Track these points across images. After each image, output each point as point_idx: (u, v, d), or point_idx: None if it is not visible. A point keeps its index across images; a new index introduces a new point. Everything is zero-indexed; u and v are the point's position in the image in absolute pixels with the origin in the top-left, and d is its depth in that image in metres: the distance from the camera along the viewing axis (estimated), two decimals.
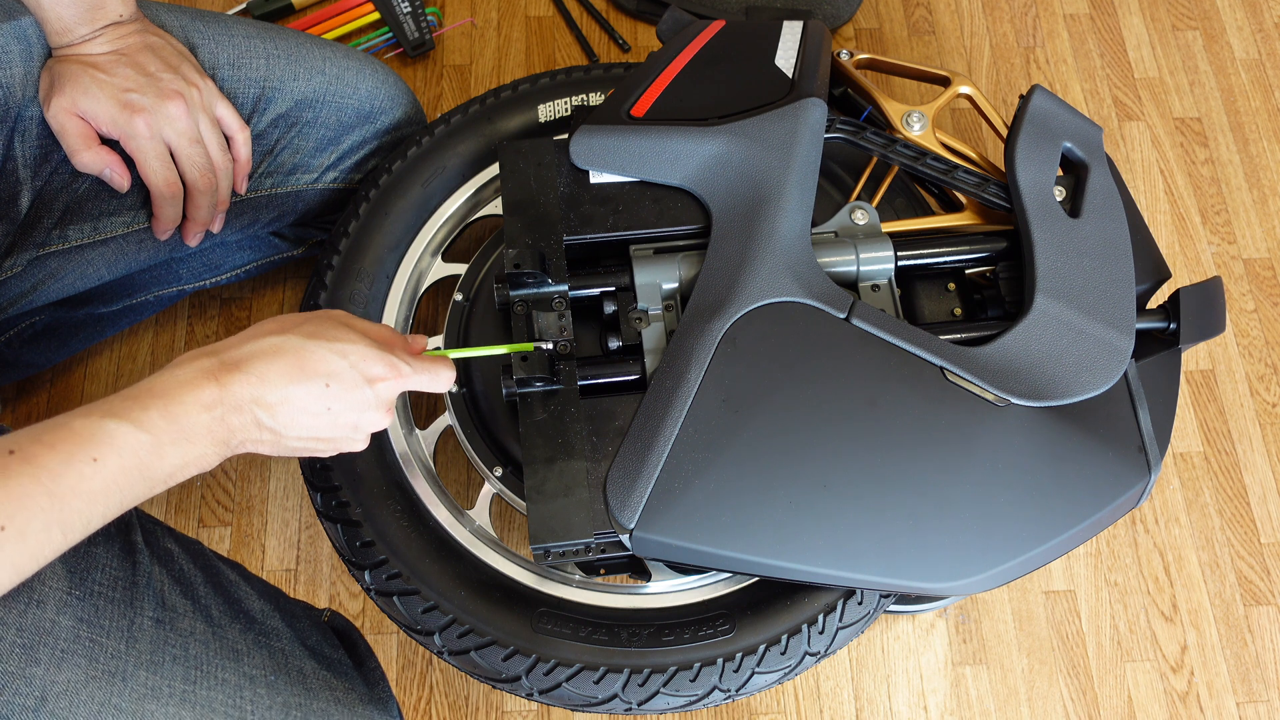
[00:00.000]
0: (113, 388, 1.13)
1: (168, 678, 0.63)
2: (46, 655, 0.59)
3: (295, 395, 0.60)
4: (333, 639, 0.78)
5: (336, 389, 0.61)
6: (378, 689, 0.76)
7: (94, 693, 0.60)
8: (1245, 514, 1.13)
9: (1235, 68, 1.37)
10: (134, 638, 0.63)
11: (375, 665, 0.79)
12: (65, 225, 0.83)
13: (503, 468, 0.88)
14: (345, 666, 0.75)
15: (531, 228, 0.85)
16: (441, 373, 0.68)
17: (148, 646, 0.63)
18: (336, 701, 0.71)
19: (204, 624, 0.67)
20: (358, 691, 0.73)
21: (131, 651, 0.62)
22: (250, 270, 1.10)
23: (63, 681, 0.59)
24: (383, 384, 0.64)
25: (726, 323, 0.77)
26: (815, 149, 0.85)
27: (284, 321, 0.63)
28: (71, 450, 0.52)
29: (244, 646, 0.68)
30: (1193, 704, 1.05)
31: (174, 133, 0.79)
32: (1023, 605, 1.08)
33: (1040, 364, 0.79)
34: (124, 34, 0.78)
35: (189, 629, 0.66)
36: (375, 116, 0.96)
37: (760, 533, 0.73)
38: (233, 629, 0.69)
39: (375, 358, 0.63)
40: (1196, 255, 1.26)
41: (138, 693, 0.62)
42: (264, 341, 0.61)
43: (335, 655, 0.75)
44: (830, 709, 1.03)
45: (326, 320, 0.64)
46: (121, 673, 0.61)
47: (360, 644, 0.80)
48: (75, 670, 0.60)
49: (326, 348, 0.61)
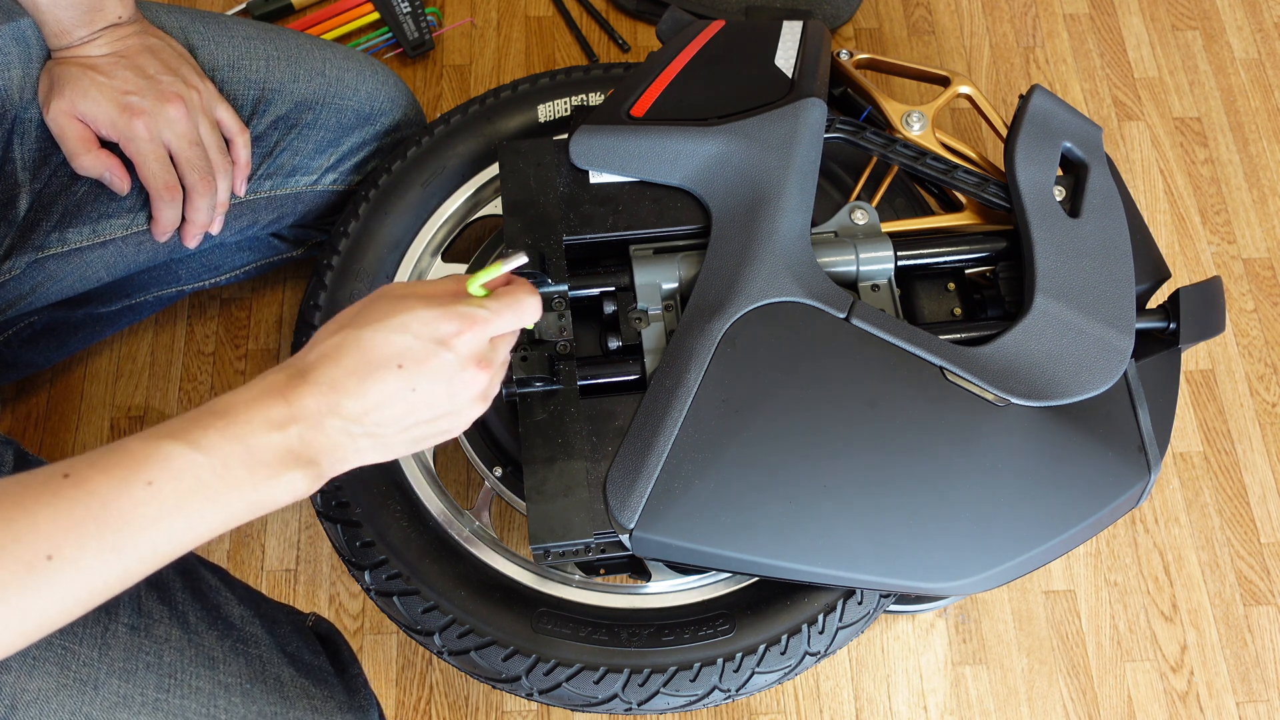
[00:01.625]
0: (112, 388, 1.13)
1: (140, 686, 0.62)
2: (17, 662, 0.58)
3: (371, 391, 0.54)
4: (315, 645, 0.76)
5: (411, 367, 0.55)
6: (358, 697, 0.75)
7: (64, 701, 0.59)
8: (1245, 514, 1.13)
9: (1235, 68, 1.37)
10: (107, 645, 0.62)
11: (358, 672, 0.78)
12: (64, 228, 0.83)
13: (503, 468, 0.88)
14: (325, 673, 0.74)
15: (531, 228, 0.85)
16: (524, 300, 0.60)
17: (121, 654, 0.62)
18: (314, 710, 0.70)
19: (180, 630, 0.66)
20: (336, 699, 0.72)
21: (104, 659, 0.61)
22: (250, 271, 1.10)
23: (33, 689, 0.58)
24: (460, 339, 0.56)
25: (726, 323, 0.77)
26: (815, 149, 0.85)
27: (341, 318, 0.58)
28: (125, 474, 0.50)
29: (220, 653, 0.67)
30: (1192, 704, 1.05)
31: (174, 135, 0.78)
32: (1023, 605, 1.08)
33: (1040, 364, 0.79)
34: (123, 36, 0.77)
35: (164, 635, 0.65)
36: (375, 118, 0.96)
37: (760, 533, 0.73)
38: (209, 635, 0.68)
39: (439, 316, 0.56)
40: (1196, 255, 1.26)
41: (109, 701, 0.61)
42: (325, 345, 0.56)
43: (316, 662, 0.74)
44: (830, 709, 1.03)
45: (381, 300, 0.57)
46: (93, 681, 0.61)
47: (344, 650, 0.79)
48: (46, 678, 0.59)
49: (385, 329, 0.55)
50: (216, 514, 0.52)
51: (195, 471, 0.51)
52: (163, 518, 0.50)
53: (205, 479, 0.51)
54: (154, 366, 1.14)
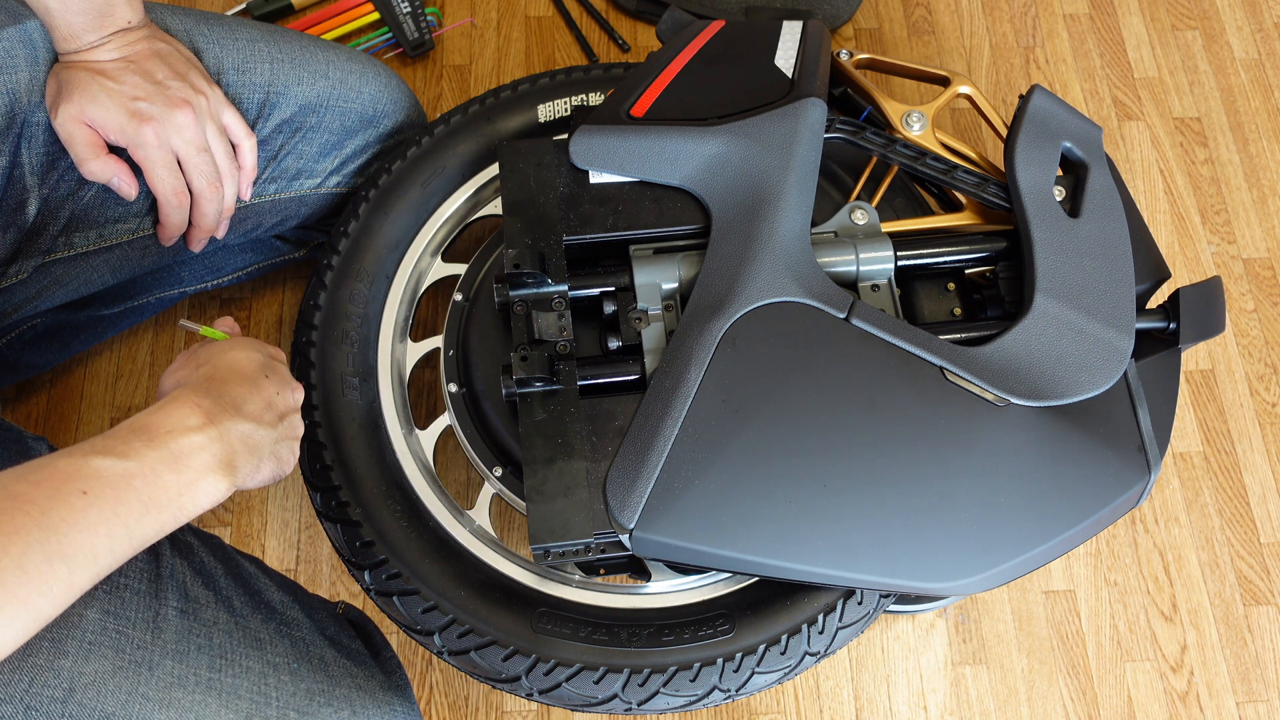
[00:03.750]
0: (112, 388, 1.13)
1: (193, 666, 0.64)
2: (74, 647, 0.60)
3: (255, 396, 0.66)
4: (349, 630, 0.79)
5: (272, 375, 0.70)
6: (395, 677, 0.78)
7: (121, 682, 0.61)
8: (1245, 514, 1.13)
9: (1235, 68, 1.37)
10: (159, 628, 0.64)
11: (391, 655, 0.81)
12: (71, 232, 0.83)
13: (503, 468, 0.88)
14: (363, 656, 0.76)
15: (531, 228, 0.85)
16: None
17: (173, 636, 0.64)
18: (358, 688, 0.72)
19: (227, 614, 0.68)
20: (377, 679, 0.75)
21: (157, 641, 0.63)
22: (251, 272, 1.10)
23: (90, 672, 0.60)
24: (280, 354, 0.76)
25: (726, 323, 0.77)
26: (815, 149, 0.85)
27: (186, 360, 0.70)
28: (58, 486, 0.52)
29: (266, 635, 0.70)
30: (1192, 704, 1.05)
31: (182, 141, 0.78)
32: (1023, 605, 1.08)
33: (1040, 364, 0.79)
34: (132, 40, 0.77)
35: (212, 619, 0.67)
36: (378, 120, 0.96)
37: (760, 533, 0.73)
38: (255, 619, 0.70)
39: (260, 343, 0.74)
40: (1196, 255, 1.26)
41: (164, 681, 0.63)
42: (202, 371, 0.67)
43: (353, 645, 0.77)
44: (830, 709, 1.03)
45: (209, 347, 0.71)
46: (148, 662, 0.62)
47: (375, 635, 0.82)
48: (103, 661, 0.60)
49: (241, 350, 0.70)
50: (150, 521, 0.56)
51: (127, 480, 0.55)
52: (102, 524, 0.53)
53: (137, 486, 0.55)
54: (154, 367, 1.14)
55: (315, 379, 0.87)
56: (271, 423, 0.67)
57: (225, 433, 0.61)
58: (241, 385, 0.66)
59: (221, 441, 0.60)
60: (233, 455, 0.61)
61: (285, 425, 0.69)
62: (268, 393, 0.68)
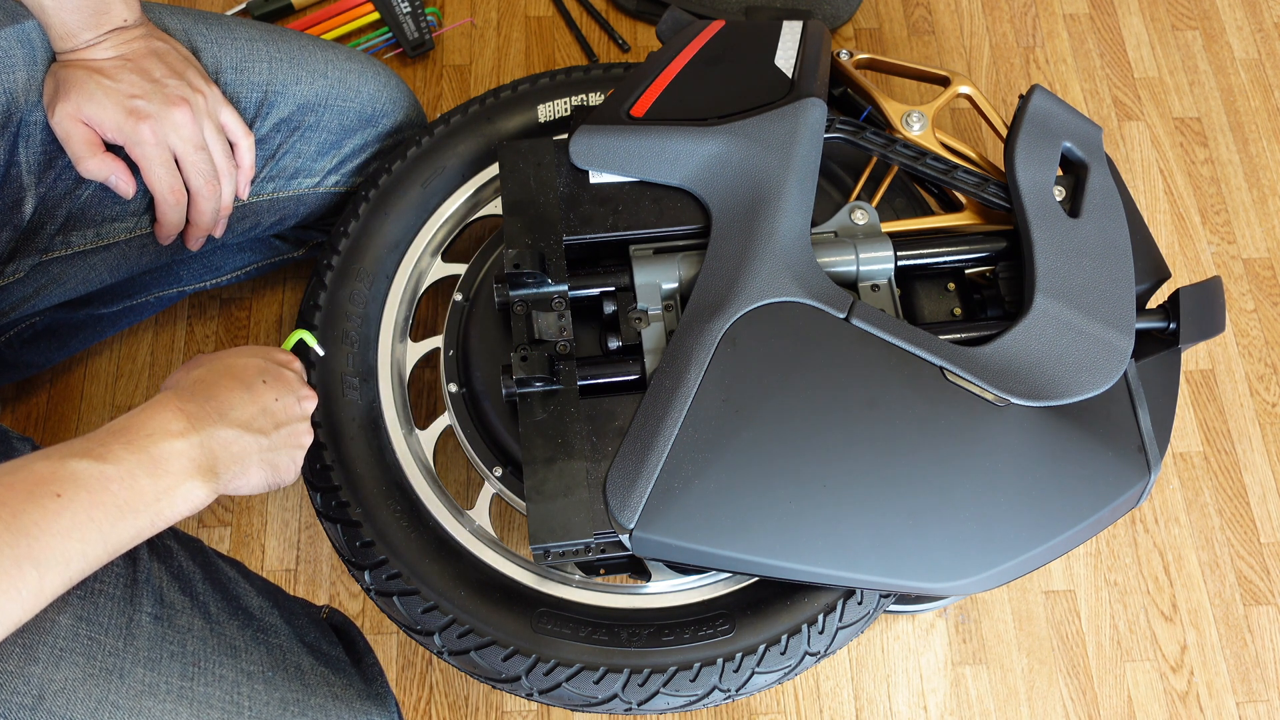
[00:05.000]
0: (112, 388, 1.13)
1: (165, 674, 0.63)
2: (45, 653, 0.59)
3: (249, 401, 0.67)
4: (331, 636, 0.78)
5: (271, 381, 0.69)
6: (375, 685, 0.77)
7: (91, 690, 0.60)
8: (1245, 514, 1.13)
9: (1235, 68, 1.37)
10: (132, 635, 0.63)
11: (373, 662, 0.79)
12: (68, 231, 0.83)
13: (503, 468, 0.88)
14: (343, 663, 0.75)
15: (531, 228, 0.85)
16: None
17: (146, 643, 0.63)
18: (334, 698, 0.71)
19: (202, 620, 0.67)
20: (355, 688, 0.73)
21: (129, 649, 0.62)
22: (251, 272, 1.10)
23: (60, 679, 0.59)
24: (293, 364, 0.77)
25: (726, 323, 0.77)
26: (815, 149, 0.85)
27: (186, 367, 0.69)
28: (32, 488, 0.52)
29: (242, 643, 0.69)
30: (1192, 704, 1.05)
31: (179, 140, 0.78)
32: (1023, 605, 1.08)
33: (1040, 364, 0.79)
34: (129, 39, 0.77)
35: (187, 625, 0.66)
36: (377, 120, 0.96)
37: (760, 533, 0.73)
38: (231, 625, 0.69)
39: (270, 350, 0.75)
40: (1196, 255, 1.26)
41: (135, 689, 0.62)
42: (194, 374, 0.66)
43: (333, 652, 0.76)
44: (830, 709, 1.03)
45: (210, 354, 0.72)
46: (119, 670, 0.61)
47: (359, 641, 0.81)
48: (73, 668, 0.60)
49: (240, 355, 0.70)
50: (126, 526, 0.55)
51: (104, 483, 0.54)
52: (75, 529, 0.52)
53: (114, 490, 0.54)
54: (154, 367, 1.14)
55: (315, 379, 0.87)
56: (263, 429, 0.66)
57: (207, 438, 0.61)
58: (233, 390, 0.66)
59: (202, 447, 0.60)
60: (214, 461, 0.61)
61: (283, 433, 0.68)
62: (263, 399, 0.67)
